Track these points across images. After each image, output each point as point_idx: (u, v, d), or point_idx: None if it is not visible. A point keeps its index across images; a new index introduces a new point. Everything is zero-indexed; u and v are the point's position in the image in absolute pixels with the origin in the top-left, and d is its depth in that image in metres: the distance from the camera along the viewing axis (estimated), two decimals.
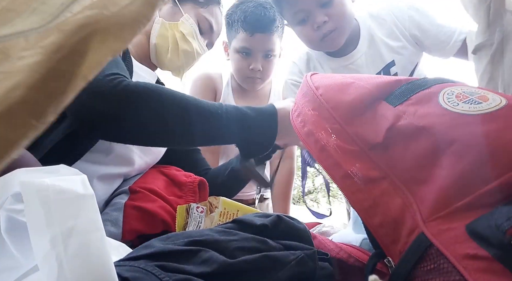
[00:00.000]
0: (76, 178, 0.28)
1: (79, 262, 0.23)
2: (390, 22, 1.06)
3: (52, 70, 0.31)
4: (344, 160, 0.41)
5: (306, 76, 0.51)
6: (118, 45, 0.35)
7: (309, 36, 1.01)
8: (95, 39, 0.34)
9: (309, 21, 0.98)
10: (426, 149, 0.37)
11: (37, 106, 0.29)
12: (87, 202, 0.27)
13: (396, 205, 0.37)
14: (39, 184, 0.25)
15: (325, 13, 0.96)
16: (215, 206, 0.57)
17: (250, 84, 1.27)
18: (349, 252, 0.51)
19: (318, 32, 0.99)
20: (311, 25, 0.98)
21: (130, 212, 0.66)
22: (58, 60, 0.32)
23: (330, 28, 0.98)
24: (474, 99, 0.39)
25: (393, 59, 1.05)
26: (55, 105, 0.31)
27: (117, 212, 0.66)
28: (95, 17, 0.33)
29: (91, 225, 0.26)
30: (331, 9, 0.96)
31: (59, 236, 0.23)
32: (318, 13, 0.96)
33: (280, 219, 0.42)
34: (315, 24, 0.97)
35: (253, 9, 1.16)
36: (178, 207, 0.59)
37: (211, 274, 0.32)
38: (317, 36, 1.00)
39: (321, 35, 0.99)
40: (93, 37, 0.34)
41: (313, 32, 0.99)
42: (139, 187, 0.73)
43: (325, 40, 1.00)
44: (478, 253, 0.30)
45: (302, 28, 1.01)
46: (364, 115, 0.43)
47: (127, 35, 0.36)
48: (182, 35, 0.86)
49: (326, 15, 0.96)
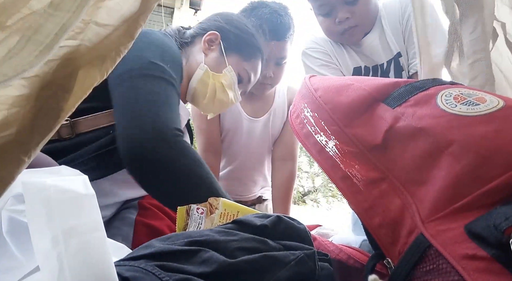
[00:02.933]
0: (77, 178, 0.28)
1: (79, 262, 0.24)
2: (398, 14, 1.07)
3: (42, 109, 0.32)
4: (343, 162, 0.41)
5: (305, 78, 0.52)
6: (100, 77, 0.36)
7: (330, 28, 1.05)
8: (80, 74, 0.35)
9: (332, 15, 1.01)
10: (425, 150, 0.38)
11: (27, 145, 0.30)
12: (88, 202, 0.27)
13: (395, 206, 0.37)
14: (40, 184, 0.25)
15: (349, 10, 0.99)
16: (215, 207, 0.58)
17: (260, 90, 1.27)
18: (348, 253, 0.51)
19: (339, 27, 1.02)
20: (334, 19, 1.01)
21: (140, 228, 0.69)
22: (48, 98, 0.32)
23: (351, 24, 1.01)
24: (472, 101, 0.39)
25: (399, 51, 1.06)
26: (43, 142, 0.32)
27: (127, 227, 0.69)
28: (78, 50, 0.34)
29: (92, 225, 0.26)
30: (355, 7, 0.99)
31: (60, 236, 0.24)
32: (342, 9, 0.99)
33: (280, 220, 0.42)
34: (338, 19, 1.00)
35: (269, 16, 1.16)
36: (178, 208, 0.59)
37: (211, 274, 0.32)
38: (338, 30, 1.03)
39: (342, 30, 1.02)
40: (78, 72, 0.34)
41: (335, 26, 1.02)
42: (149, 203, 0.75)
43: (344, 35, 1.04)
44: (477, 253, 0.30)
45: (325, 19, 1.04)
46: (362, 116, 0.43)
47: (108, 66, 0.36)
48: (222, 86, 0.89)
49: (349, 11, 0.99)
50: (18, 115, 0.30)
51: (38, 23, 0.27)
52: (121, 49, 0.37)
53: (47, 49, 0.28)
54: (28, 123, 0.31)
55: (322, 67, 1.10)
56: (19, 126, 0.30)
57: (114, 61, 0.37)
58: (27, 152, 0.30)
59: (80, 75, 0.35)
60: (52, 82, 0.32)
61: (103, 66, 0.36)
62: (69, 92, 0.34)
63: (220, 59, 0.90)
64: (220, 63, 0.89)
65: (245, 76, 0.94)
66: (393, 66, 1.07)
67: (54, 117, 0.33)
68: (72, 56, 0.33)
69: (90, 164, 0.64)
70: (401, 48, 1.06)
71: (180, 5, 7.62)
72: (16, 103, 0.30)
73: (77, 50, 0.34)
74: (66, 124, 0.64)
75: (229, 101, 0.91)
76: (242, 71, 0.93)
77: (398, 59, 1.07)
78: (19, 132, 0.30)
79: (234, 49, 0.91)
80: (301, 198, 6.31)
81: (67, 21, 0.28)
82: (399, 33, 1.06)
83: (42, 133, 0.31)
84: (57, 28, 0.28)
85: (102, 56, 0.36)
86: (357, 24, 1.01)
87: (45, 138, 0.32)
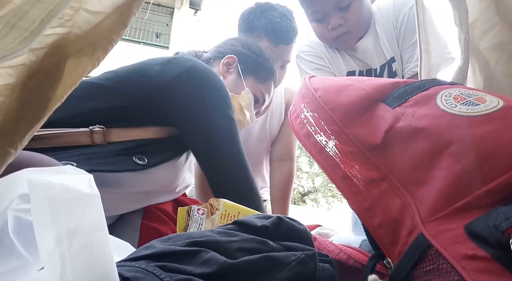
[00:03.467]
0: (82, 177, 0.28)
1: (82, 261, 0.24)
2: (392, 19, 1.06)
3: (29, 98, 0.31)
4: (343, 162, 0.41)
5: (304, 78, 0.52)
6: (91, 66, 0.35)
7: (323, 34, 1.06)
8: (69, 63, 0.34)
9: (325, 21, 1.02)
10: (425, 150, 0.38)
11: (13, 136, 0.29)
12: (93, 202, 0.27)
13: (396, 206, 0.37)
14: (46, 182, 0.25)
15: (342, 17, 0.99)
16: (216, 208, 0.58)
17: None
18: (348, 253, 0.51)
19: (332, 33, 1.02)
20: (327, 25, 1.02)
21: (146, 232, 0.69)
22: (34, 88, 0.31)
23: (344, 31, 1.01)
24: (471, 101, 0.39)
25: (393, 56, 1.06)
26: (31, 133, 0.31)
27: (134, 231, 0.69)
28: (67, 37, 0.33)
29: (95, 224, 0.26)
30: (347, 14, 0.99)
31: (63, 235, 0.24)
32: (335, 15, 0.99)
33: (280, 220, 0.42)
34: (330, 25, 1.01)
35: (280, 20, 1.19)
36: (179, 209, 0.59)
37: (212, 274, 0.32)
38: (331, 36, 1.04)
39: (335, 35, 1.03)
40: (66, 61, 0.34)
41: (328, 32, 1.03)
42: (153, 206, 0.75)
43: (338, 40, 1.04)
44: (477, 254, 0.30)
45: (318, 25, 1.05)
46: (362, 116, 0.43)
47: (99, 55, 0.36)
48: (240, 107, 0.93)
49: (342, 18, 1.00)
50: (3, 105, 0.29)
51: (23, 9, 0.27)
52: (113, 38, 0.36)
53: (32, 35, 0.27)
54: (14, 113, 0.30)
55: (316, 70, 1.11)
56: (4, 116, 0.29)
57: (106, 50, 0.36)
58: (14, 143, 0.29)
59: (69, 64, 0.34)
60: (39, 71, 0.31)
61: (94, 55, 0.35)
62: (57, 82, 0.33)
63: (238, 82, 0.94)
64: (238, 85, 0.94)
65: (261, 97, 0.99)
66: (387, 71, 1.08)
67: (41, 108, 0.32)
68: (61, 44, 0.32)
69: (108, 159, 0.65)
70: (394, 53, 1.06)
71: (180, 5, 7.62)
72: (1, 92, 0.29)
73: (66, 38, 0.33)
74: (100, 131, 0.65)
75: (245, 121, 0.95)
76: (258, 92, 0.98)
77: (391, 65, 1.07)
78: (4, 123, 0.29)
79: (250, 72, 0.95)
80: (301, 198, 6.31)
81: (54, 7, 0.28)
82: (393, 38, 1.06)
83: (29, 124, 0.31)
84: (44, 14, 0.27)
85: (93, 45, 0.35)
86: (350, 30, 1.02)
87: (33, 129, 0.31)
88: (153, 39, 7.61)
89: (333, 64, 1.11)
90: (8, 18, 0.26)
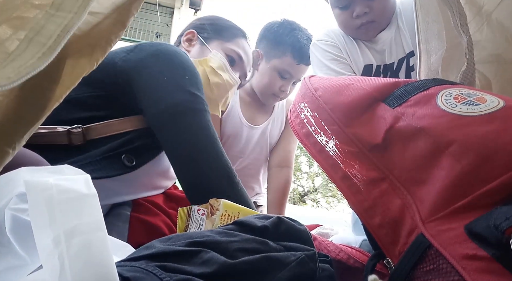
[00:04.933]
0: (79, 178, 0.28)
1: (80, 262, 0.24)
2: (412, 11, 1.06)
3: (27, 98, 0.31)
4: (343, 161, 0.41)
5: (304, 78, 0.52)
6: (90, 66, 0.35)
7: (346, 22, 1.04)
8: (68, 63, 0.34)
9: (350, 8, 1.01)
10: (425, 150, 0.38)
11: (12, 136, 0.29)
12: (90, 202, 0.27)
13: (396, 206, 0.37)
14: (43, 183, 0.25)
15: (368, 5, 0.98)
16: (216, 208, 0.57)
17: (271, 100, 1.35)
18: (348, 253, 0.51)
19: (356, 21, 1.01)
20: (351, 13, 1.01)
21: (135, 224, 0.69)
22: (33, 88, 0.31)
23: (368, 19, 1.00)
24: (472, 101, 0.39)
25: (412, 50, 1.05)
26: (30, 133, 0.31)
27: (122, 223, 0.68)
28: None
29: (93, 225, 0.26)
30: (374, 2, 0.98)
31: (61, 236, 0.24)
32: (361, 3, 0.98)
33: (280, 221, 0.42)
34: (355, 13, 1.00)
35: (306, 42, 1.26)
36: (180, 209, 0.59)
37: (212, 274, 0.32)
38: (354, 24, 1.03)
39: (358, 24, 1.02)
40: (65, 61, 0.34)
41: (351, 19, 1.02)
42: (142, 199, 0.74)
43: (360, 29, 1.03)
44: (477, 254, 0.30)
45: (342, 12, 1.04)
46: (362, 116, 0.43)
47: (98, 56, 0.36)
48: (212, 69, 0.90)
49: (368, 6, 0.99)
50: (2, 105, 0.29)
51: (39, 24, 0.27)
52: (112, 38, 0.36)
53: (50, 51, 0.27)
54: (12, 113, 0.30)
55: (332, 61, 1.09)
56: (2, 116, 0.29)
57: (105, 50, 0.36)
58: (12, 143, 0.29)
59: (68, 65, 0.34)
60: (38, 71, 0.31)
61: (93, 55, 0.35)
62: (56, 82, 0.33)
63: (203, 48, 0.93)
64: (204, 52, 0.92)
65: (235, 55, 0.96)
66: (405, 66, 1.06)
67: (40, 108, 0.32)
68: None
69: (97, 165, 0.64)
70: (414, 48, 1.03)
71: (180, 5, 7.61)
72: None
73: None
74: (78, 132, 0.63)
75: (225, 82, 0.92)
76: (229, 51, 0.95)
77: (409, 59, 1.05)
78: (3, 123, 0.29)
79: (212, 37, 0.94)
80: (301, 198, 6.31)
81: (69, 22, 0.28)
82: (415, 32, 1.05)
83: (27, 124, 0.31)
84: (59, 29, 0.27)
85: (92, 45, 0.35)
86: (374, 19, 1.01)
87: (31, 129, 0.31)
88: (153, 39, 7.61)
89: (351, 55, 1.09)
90: (26, 33, 0.26)
